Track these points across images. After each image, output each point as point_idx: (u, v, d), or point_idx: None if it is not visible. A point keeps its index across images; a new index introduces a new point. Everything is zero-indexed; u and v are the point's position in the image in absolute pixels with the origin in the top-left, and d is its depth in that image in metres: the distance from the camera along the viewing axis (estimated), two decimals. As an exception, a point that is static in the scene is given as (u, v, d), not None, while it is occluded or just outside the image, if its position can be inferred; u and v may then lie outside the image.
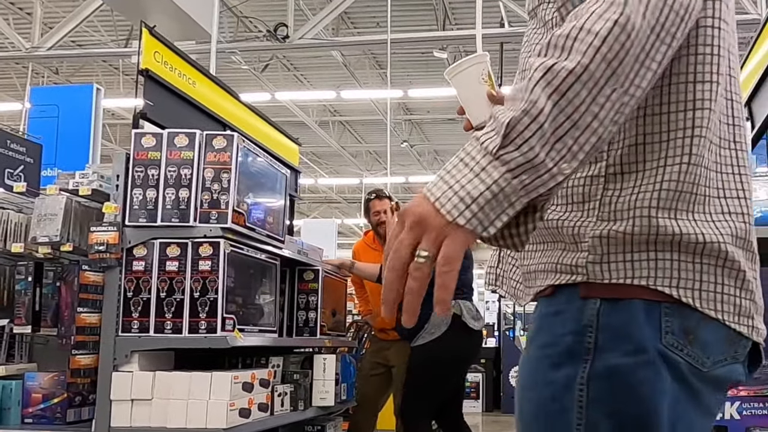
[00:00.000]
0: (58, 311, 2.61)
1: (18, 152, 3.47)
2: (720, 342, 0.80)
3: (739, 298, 0.81)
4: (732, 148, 0.84)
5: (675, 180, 0.79)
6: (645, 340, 0.77)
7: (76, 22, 8.01)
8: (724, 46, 0.83)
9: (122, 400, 2.42)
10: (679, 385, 0.77)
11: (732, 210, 0.82)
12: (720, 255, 0.80)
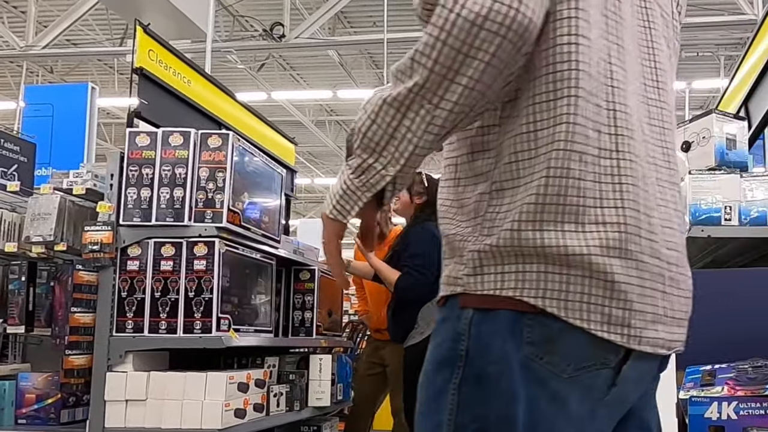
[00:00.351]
0: (52, 311, 2.59)
1: (12, 151, 3.45)
2: (583, 350, 0.83)
3: (609, 307, 0.83)
4: (614, 158, 0.85)
5: (539, 194, 0.82)
6: (507, 350, 0.82)
7: (71, 21, 7.99)
8: (585, 60, 0.84)
9: (116, 401, 2.40)
10: (541, 391, 0.82)
11: (608, 220, 0.83)
12: (586, 265, 0.82)
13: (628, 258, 0.83)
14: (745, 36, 7.62)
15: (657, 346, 0.87)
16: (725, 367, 1.74)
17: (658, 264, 0.87)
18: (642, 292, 0.85)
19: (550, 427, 0.82)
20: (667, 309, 0.88)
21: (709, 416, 1.63)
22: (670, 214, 0.91)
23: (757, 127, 3.10)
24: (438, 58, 0.79)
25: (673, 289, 0.89)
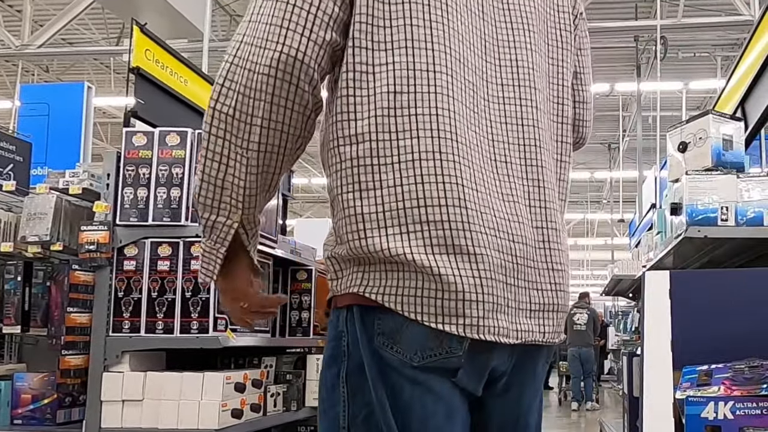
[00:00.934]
0: (48, 311, 2.59)
1: (7, 150, 3.44)
2: (425, 341, 0.90)
3: (441, 300, 0.89)
4: (439, 160, 0.90)
5: (355, 206, 0.91)
6: (366, 342, 0.91)
7: (67, 20, 7.97)
8: (369, 88, 0.91)
9: (113, 401, 2.40)
10: (399, 376, 0.90)
11: (432, 219, 0.89)
12: (411, 263, 0.89)
13: (458, 253, 0.89)
14: (742, 37, 7.65)
15: (506, 336, 0.92)
16: (722, 367, 1.74)
17: (500, 257, 0.91)
18: (479, 283, 0.90)
19: (421, 407, 0.90)
20: (510, 300, 0.92)
21: (706, 416, 1.63)
22: (520, 209, 0.96)
23: (754, 127, 3.10)
24: (233, 104, 0.91)
25: (520, 281, 0.94)
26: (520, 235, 0.94)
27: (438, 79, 0.91)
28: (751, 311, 1.85)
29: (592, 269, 21.48)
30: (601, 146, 14.21)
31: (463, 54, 0.94)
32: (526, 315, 0.94)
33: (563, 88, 1.05)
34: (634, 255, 5.41)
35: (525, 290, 0.94)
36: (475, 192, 0.91)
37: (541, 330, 0.96)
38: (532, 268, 0.95)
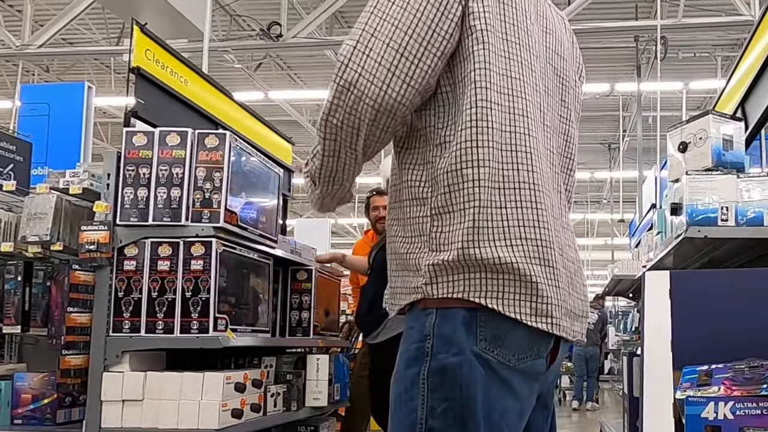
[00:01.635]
0: (48, 311, 2.59)
1: (8, 150, 3.44)
2: (524, 344, 1.08)
3: (534, 303, 1.08)
4: (531, 189, 1.11)
5: (473, 219, 1.08)
6: (464, 344, 1.06)
7: (67, 20, 7.96)
8: (491, 119, 1.10)
9: (113, 401, 2.40)
10: (493, 376, 1.06)
11: (527, 236, 1.09)
12: (514, 271, 1.07)
13: (545, 265, 1.10)
14: (742, 37, 7.64)
15: (569, 334, 1.14)
16: (722, 368, 1.74)
17: (565, 272, 1.13)
18: (556, 292, 1.10)
19: (503, 404, 1.07)
20: (571, 306, 1.15)
21: (706, 416, 1.63)
22: (569, 235, 1.19)
23: (754, 127, 3.11)
24: (341, 119, 1.12)
25: (574, 292, 1.16)
26: (573, 257, 1.18)
27: (528, 123, 1.14)
28: (751, 311, 1.85)
29: (592, 269, 21.47)
30: (601, 146, 14.20)
31: (538, 101, 1.18)
32: (578, 320, 1.18)
33: (572, 128, 1.29)
34: (634, 255, 5.41)
35: (577, 301, 1.17)
36: (553, 218, 1.13)
37: (579, 331, 1.19)
38: (578, 283, 1.19)
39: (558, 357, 1.16)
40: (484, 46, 1.10)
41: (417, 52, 1.07)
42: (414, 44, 1.07)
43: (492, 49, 1.10)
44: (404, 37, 1.07)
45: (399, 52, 1.07)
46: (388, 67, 1.06)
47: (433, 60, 1.08)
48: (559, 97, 1.24)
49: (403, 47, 1.07)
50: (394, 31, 1.07)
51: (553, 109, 1.22)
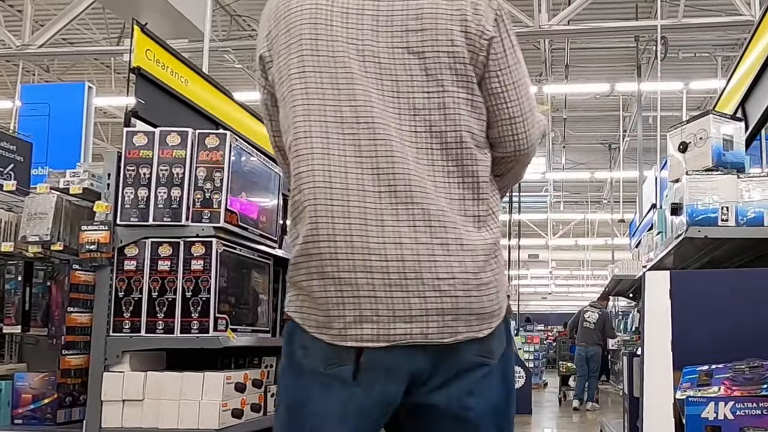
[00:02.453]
0: (49, 311, 2.59)
1: (8, 150, 3.44)
2: (324, 352, 1.14)
3: (317, 315, 1.14)
4: (304, 205, 1.15)
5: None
6: (289, 352, 1.19)
7: (68, 20, 7.96)
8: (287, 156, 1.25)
9: (113, 401, 2.40)
10: (313, 380, 1.15)
11: (310, 252, 1.14)
12: (301, 287, 1.16)
13: (325, 278, 1.12)
14: (742, 37, 7.64)
15: (366, 341, 1.11)
16: (722, 368, 1.74)
17: (365, 276, 1.10)
18: (343, 301, 1.11)
19: (329, 404, 1.14)
20: (379, 309, 1.10)
21: (706, 416, 1.63)
22: (399, 232, 1.11)
23: (754, 128, 3.10)
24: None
25: (396, 293, 1.10)
26: (395, 254, 1.10)
27: (311, 143, 1.16)
28: (751, 311, 1.85)
29: (592, 269, 21.47)
30: (602, 146, 14.20)
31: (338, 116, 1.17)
32: (404, 320, 1.11)
33: (443, 117, 1.16)
34: (635, 255, 5.41)
35: (402, 300, 1.10)
36: (348, 226, 1.11)
37: (423, 331, 1.11)
38: (412, 280, 1.10)
39: (392, 364, 1.11)
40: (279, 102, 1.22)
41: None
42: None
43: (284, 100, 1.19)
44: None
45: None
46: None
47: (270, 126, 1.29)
48: (388, 77, 1.15)
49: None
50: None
51: (383, 93, 1.15)
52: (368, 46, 1.16)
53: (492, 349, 1.16)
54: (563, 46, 9.93)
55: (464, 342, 1.12)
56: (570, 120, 12.35)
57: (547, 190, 16.51)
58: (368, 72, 1.15)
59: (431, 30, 1.16)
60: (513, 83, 1.21)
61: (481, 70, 1.18)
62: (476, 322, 1.13)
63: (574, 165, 15.00)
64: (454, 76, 1.16)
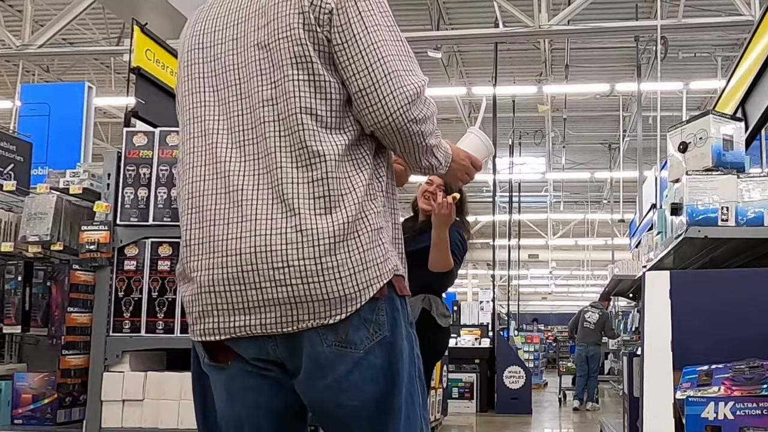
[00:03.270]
0: (49, 311, 2.59)
1: (8, 150, 3.44)
2: (198, 348, 1.23)
3: (189, 315, 1.24)
4: (183, 214, 1.23)
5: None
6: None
7: (68, 20, 7.95)
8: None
9: (113, 401, 2.40)
10: (200, 369, 1.25)
11: (185, 256, 1.23)
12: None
13: (185, 281, 1.21)
14: (742, 37, 7.64)
15: (207, 334, 1.17)
16: (722, 368, 1.74)
17: (209, 273, 1.15)
18: (192, 300, 1.19)
19: (220, 392, 1.22)
20: (218, 304, 1.14)
21: (706, 416, 1.63)
22: (242, 226, 1.13)
23: (754, 128, 3.10)
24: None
25: (234, 287, 1.13)
26: (235, 249, 1.12)
27: (186, 144, 1.24)
28: (751, 311, 1.85)
29: (592, 269, 21.47)
30: (602, 146, 14.19)
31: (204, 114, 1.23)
32: (243, 313, 1.13)
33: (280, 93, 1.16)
34: (635, 255, 5.41)
35: (240, 293, 1.12)
36: (198, 228, 1.18)
37: (262, 322, 1.12)
38: (249, 272, 1.11)
39: (254, 350, 1.17)
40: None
41: None
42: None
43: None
44: None
45: None
46: None
47: None
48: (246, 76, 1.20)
49: None
50: None
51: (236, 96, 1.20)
52: (229, 57, 1.22)
53: (350, 338, 1.11)
54: (563, 46, 9.93)
55: (315, 330, 1.10)
56: (570, 120, 12.35)
57: (547, 190, 16.50)
58: (218, 85, 1.22)
59: (274, 21, 1.17)
60: (360, 52, 1.14)
61: (327, 46, 1.14)
62: (322, 308, 1.10)
63: (574, 165, 15.00)
64: (293, 60, 1.14)
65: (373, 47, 1.15)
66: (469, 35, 8.59)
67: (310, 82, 1.14)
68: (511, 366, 8.41)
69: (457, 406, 8.25)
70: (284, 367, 1.16)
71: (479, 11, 8.95)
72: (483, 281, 20.13)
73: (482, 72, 10.61)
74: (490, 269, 12.71)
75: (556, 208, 18.40)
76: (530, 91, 10.83)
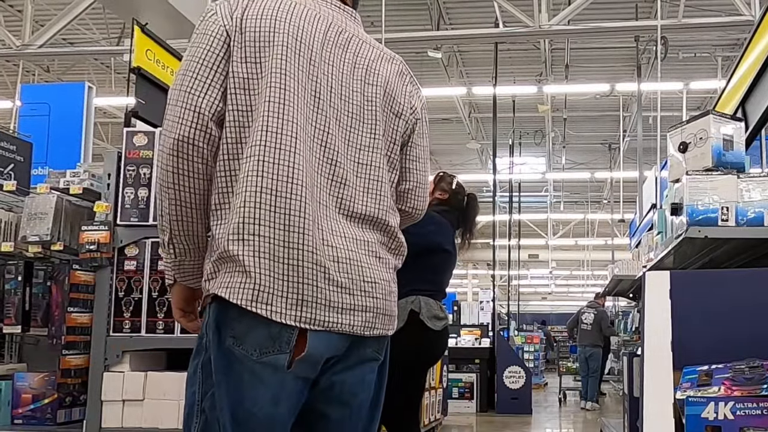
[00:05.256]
0: (49, 311, 2.59)
1: (8, 150, 3.44)
2: (263, 339, 1.15)
3: (253, 291, 1.16)
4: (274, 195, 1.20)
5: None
6: (220, 342, 1.18)
7: (68, 20, 7.95)
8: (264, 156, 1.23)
9: (113, 401, 2.40)
10: (243, 367, 1.16)
11: (261, 233, 1.18)
12: (237, 260, 1.17)
13: (277, 261, 1.16)
14: (743, 37, 7.64)
15: (303, 323, 1.16)
16: (722, 368, 1.74)
17: (312, 267, 1.18)
18: (285, 283, 1.16)
19: (254, 392, 1.16)
20: (318, 297, 1.18)
21: (706, 416, 1.63)
22: (346, 236, 1.24)
23: (754, 128, 3.10)
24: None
25: (332, 287, 1.19)
26: (330, 255, 1.20)
27: (294, 142, 1.21)
28: (751, 311, 1.85)
29: (592, 269, 21.47)
30: (602, 146, 14.20)
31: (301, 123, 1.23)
32: (337, 311, 1.19)
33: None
34: (635, 255, 5.41)
35: (336, 293, 1.19)
36: (304, 221, 1.18)
37: (350, 323, 1.21)
38: (345, 278, 1.21)
39: (329, 348, 1.20)
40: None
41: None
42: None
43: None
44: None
45: (178, 104, 1.29)
46: (173, 118, 1.29)
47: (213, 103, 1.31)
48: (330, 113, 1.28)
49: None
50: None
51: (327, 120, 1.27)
52: (332, 77, 1.28)
53: (384, 348, 1.31)
54: (563, 46, 9.93)
55: (371, 338, 1.26)
56: (570, 120, 12.35)
57: (547, 190, 16.51)
58: (318, 94, 1.26)
59: (382, 88, 1.34)
60: (424, 157, 1.44)
61: (407, 139, 1.40)
62: (388, 321, 1.29)
63: (574, 165, 15.00)
64: (391, 139, 1.36)
65: (427, 161, 1.46)
66: (469, 35, 8.59)
67: (389, 158, 1.35)
68: (511, 366, 8.41)
69: (457, 406, 8.25)
70: (326, 362, 1.22)
71: (479, 11, 8.95)
72: (483, 281, 20.13)
73: (482, 72, 10.61)
74: (490, 269, 12.71)
75: (556, 208, 18.41)
76: (530, 91, 10.83)
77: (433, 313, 2.94)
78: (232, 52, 1.23)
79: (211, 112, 1.21)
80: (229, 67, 1.22)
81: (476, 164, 14.85)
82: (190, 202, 1.24)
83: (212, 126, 1.22)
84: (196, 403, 1.20)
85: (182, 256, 1.29)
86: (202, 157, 1.22)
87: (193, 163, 1.22)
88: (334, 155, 1.25)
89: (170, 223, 1.25)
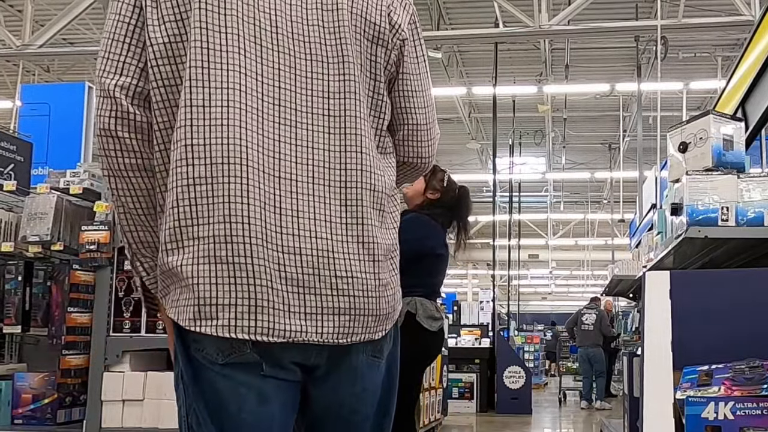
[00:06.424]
0: (49, 311, 2.59)
1: (8, 150, 3.44)
2: (219, 344, 1.00)
3: (195, 306, 1.00)
4: (207, 183, 0.99)
5: (162, 223, 1.07)
6: (185, 350, 1.05)
7: (68, 20, 7.96)
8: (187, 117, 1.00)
9: (113, 401, 2.40)
10: (213, 372, 1.02)
11: (201, 235, 1.01)
12: (179, 275, 1.00)
13: (217, 263, 0.98)
14: (743, 37, 7.64)
15: (258, 333, 0.99)
16: (722, 368, 1.74)
17: (261, 265, 0.99)
18: (237, 287, 0.98)
19: (234, 395, 1.02)
20: (274, 302, 0.99)
21: (706, 416, 1.63)
22: (303, 223, 1.02)
23: (754, 128, 3.10)
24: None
25: (291, 287, 1.00)
26: (293, 246, 1.00)
27: (226, 112, 0.99)
28: (751, 311, 1.85)
29: (592, 269, 21.47)
30: (602, 146, 14.20)
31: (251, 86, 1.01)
32: (298, 317, 1.00)
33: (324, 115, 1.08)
34: (635, 255, 5.41)
35: (297, 295, 1.00)
36: (243, 204, 0.98)
37: (318, 331, 1.02)
38: (309, 276, 1.01)
39: (302, 355, 1.03)
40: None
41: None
42: None
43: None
44: None
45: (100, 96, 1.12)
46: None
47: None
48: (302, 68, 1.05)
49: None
50: None
51: (292, 84, 1.04)
52: (281, 15, 1.05)
53: (381, 350, 1.11)
54: (563, 46, 9.93)
55: (362, 343, 1.06)
56: (570, 120, 12.35)
57: (547, 190, 16.51)
58: (264, 43, 1.03)
59: (345, 10, 1.09)
60: (423, 90, 1.16)
61: (393, 68, 1.12)
62: (373, 323, 1.06)
63: (574, 165, 15.00)
64: (362, 68, 1.10)
65: (428, 90, 1.18)
66: (469, 35, 8.59)
67: (370, 99, 1.10)
68: (511, 366, 8.41)
69: (457, 406, 8.25)
70: (307, 371, 1.06)
71: (479, 11, 8.95)
72: (483, 281, 20.13)
73: (482, 72, 10.61)
74: (490, 269, 12.71)
75: (556, 208, 18.41)
76: (530, 91, 10.83)
77: (429, 313, 2.93)
78: (146, 14, 1.01)
79: (129, 94, 1.01)
80: (145, 34, 1.00)
81: (476, 164, 14.85)
82: (134, 207, 1.06)
83: (134, 110, 1.01)
84: (183, 419, 1.07)
85: (144, 272, 1.13)
86: (130, 151, 1.02)
87: (122, 160, 1.02)
88: (291, 114, 1.02)
89: (124, 235, 1.09)
